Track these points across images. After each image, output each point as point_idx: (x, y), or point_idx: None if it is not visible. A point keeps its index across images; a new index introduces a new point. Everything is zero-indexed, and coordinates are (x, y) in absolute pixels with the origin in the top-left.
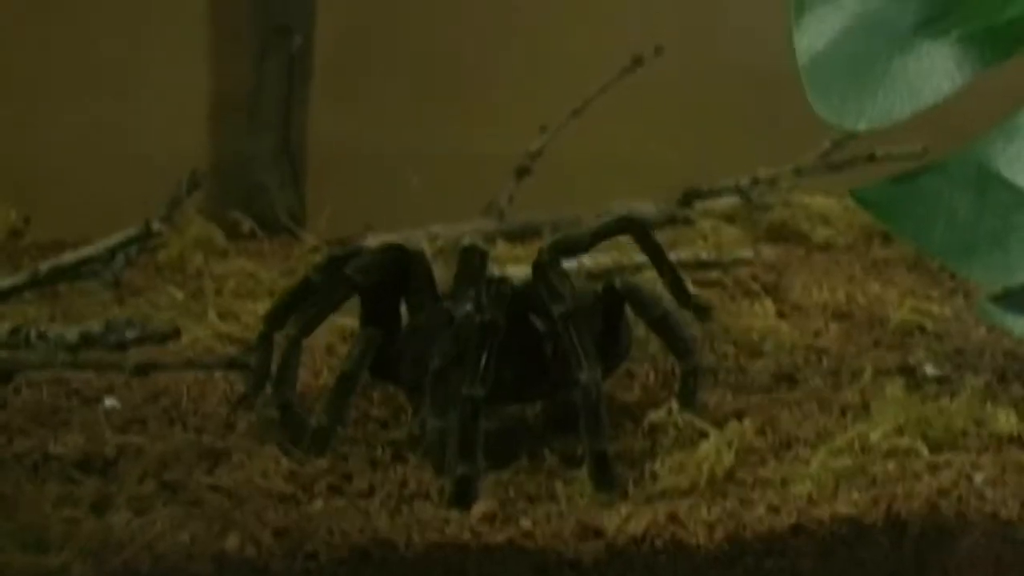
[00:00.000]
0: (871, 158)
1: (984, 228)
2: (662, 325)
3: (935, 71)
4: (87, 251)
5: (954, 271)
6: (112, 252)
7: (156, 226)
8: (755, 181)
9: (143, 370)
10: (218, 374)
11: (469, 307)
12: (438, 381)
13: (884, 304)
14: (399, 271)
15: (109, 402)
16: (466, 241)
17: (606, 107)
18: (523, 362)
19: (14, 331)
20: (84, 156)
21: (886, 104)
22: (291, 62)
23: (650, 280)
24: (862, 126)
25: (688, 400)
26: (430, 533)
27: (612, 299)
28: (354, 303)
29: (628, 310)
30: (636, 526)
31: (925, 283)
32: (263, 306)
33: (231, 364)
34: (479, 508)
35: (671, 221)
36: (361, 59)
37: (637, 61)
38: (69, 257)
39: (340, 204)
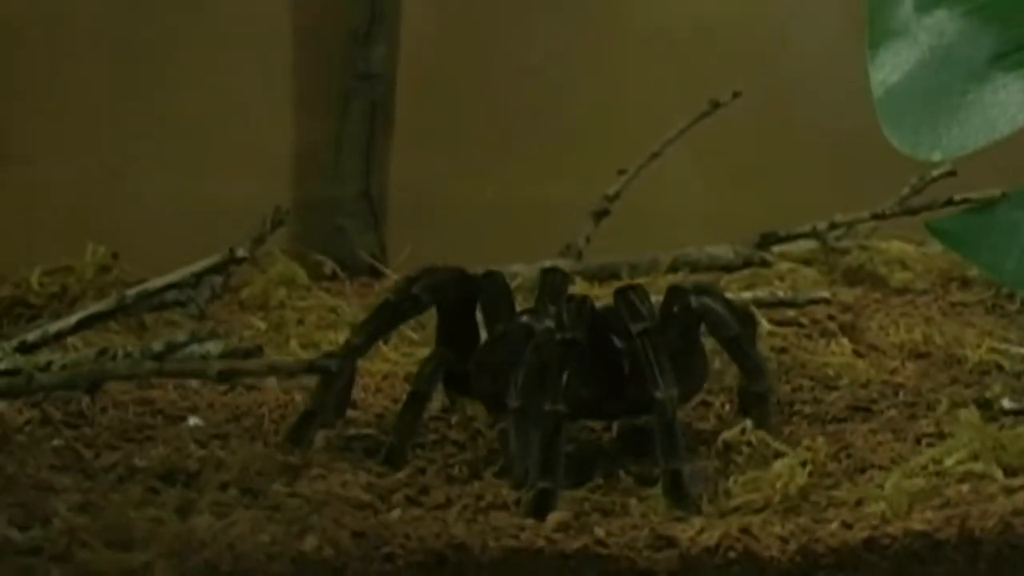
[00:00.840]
0: (949, 202)
1: None
2: (735, 345)
3: (1010, 103)
4: (172, 276)
5: None
6: (197, 278)
7: (240, 252)
8: (832, 225)
9: (227, 376)
10: (299, 397)
11: (549, 322)
12: (520, 396)
13: (962, 344)
14: (471, 290)
15: (193, 421)
16: (548, 264)
17: (683, 154)
18: (601, 381)
19: (101, 352)
20: (172, 203)
21: (961, 135)
22: (373, 108)
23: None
24: (937, 157)
25: (761, 422)
26: (505, 539)
27: (688, 319)
28: None
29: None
30: (709, 537)
31: (1003, 325)
32: (343, 337)
33: (311, 368)
34: (554, 517)
35: (748, 264)
36: (442, 106)
37: (715, 105)
38: (155, 283)
39: (419, 249)
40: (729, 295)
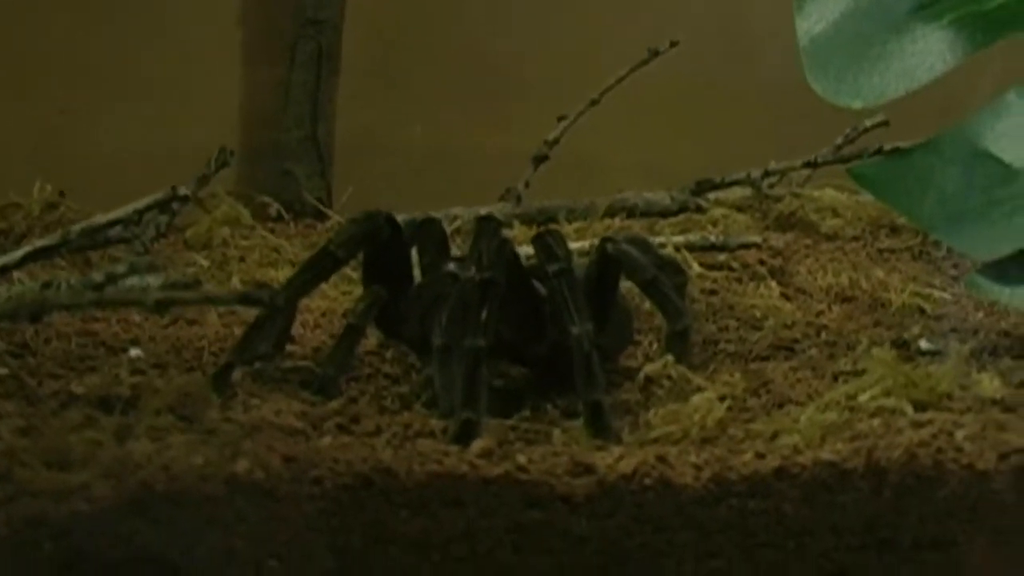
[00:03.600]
0: (879, 151)
1: (971, 202)
2: (653, 287)
3: (928, 53)
4: (117, 213)
5: (944, 242)
6: (140, 214)
7: (182, 190)
8: (767, 173)
9: (164, 305)
10: (238, 331)
11: (474, 269)
12: (443, 334)
13: (887, 288)
14: (400, 236)
15: (134, 352)
16: (483, 212)
17: (622, 104)
18: (522, 323)
19: (45, 284)
20: (123, 146)
21: (881, 83)
22: (320, 54)
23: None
24: (858, 104)
25: (681, 359)
26: (429, 464)
27: (606, 265)
28: None
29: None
30: (626, 465)
31: (929, 271)
32: (285, 274)
33: (245, 299)
34: (478, 444)
35: (683, 209)
36: (388, 53)
37: (654, 54)
38: (99, 219)
39: (363, 192)
40: (660, 242)
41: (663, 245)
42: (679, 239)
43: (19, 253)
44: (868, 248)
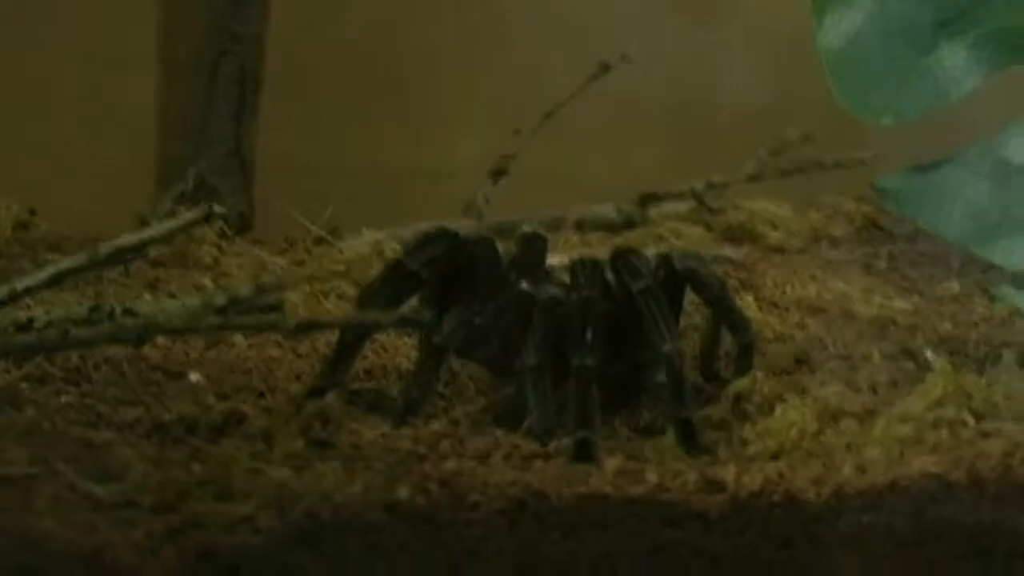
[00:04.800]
0: (820, 165)
1: (1004, 215)
2: (721, 303)
3: (956, 70)
4: (148, 233)
5: (978, 255)
6: (173, 234)
7: (218, 208)
8: (710, 186)
9: (304, 329)
10: (274, 352)
11: (553, 289)
12: (537, 355)
13: (849, 299)
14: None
15: (194, 376)
16: (526, 228)
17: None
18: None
19: (94, 309)
20: (38, 159)
21: (914, 100)
22: (243, 69)
23: None
24: (889, 121)
25: (747, 372)
26: (577, 486)
27: (674, 281)
28: None
29: None
30: (751, 481)
31: (880, 282)
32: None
33: (404, 322)
34: (611, 463)
35: (630, 222)
36: (311, 69)
37: (604, 68)
38: (130, 239)
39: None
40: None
41: None
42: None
43: (43, 274)
44: (817, 260)
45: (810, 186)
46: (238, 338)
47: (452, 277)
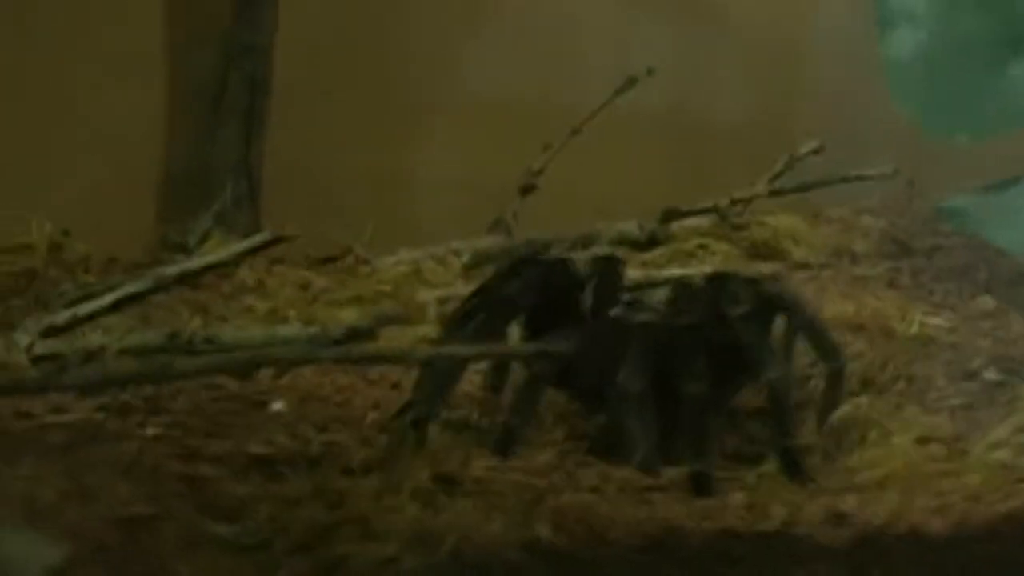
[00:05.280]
0: (844, 179)
1: None
2: (811, 328)
3: None
4: (216, 257)
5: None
6: (242, 256)
7: (289, 233)
8: (733, 202)
9: (431, 361)
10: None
11: (646, 315)
12: (639, 381)
13: (887, 317)
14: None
15: (276, 406)
16: (602, 252)
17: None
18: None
19: (172, 336)
20: (43, 170)
21: (986, 120)
22: (252, 80)
23: None
24: (963, 140)
25: (837, 399)
26: (709, 522)
27: (764, 305)
28: None
29: None
30: (874, 515)
31: (909, 299)
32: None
33: (543, 353)
34: (737, 498)
35: (653, 239)
36: (319, 81)
37: (631, 81)
38: (196, 263)
39: (294, 220)
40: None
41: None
42: (678, 271)
43: (109, 299)
44: (844, 276)
45: (811, 200)
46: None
47: (543, 303)
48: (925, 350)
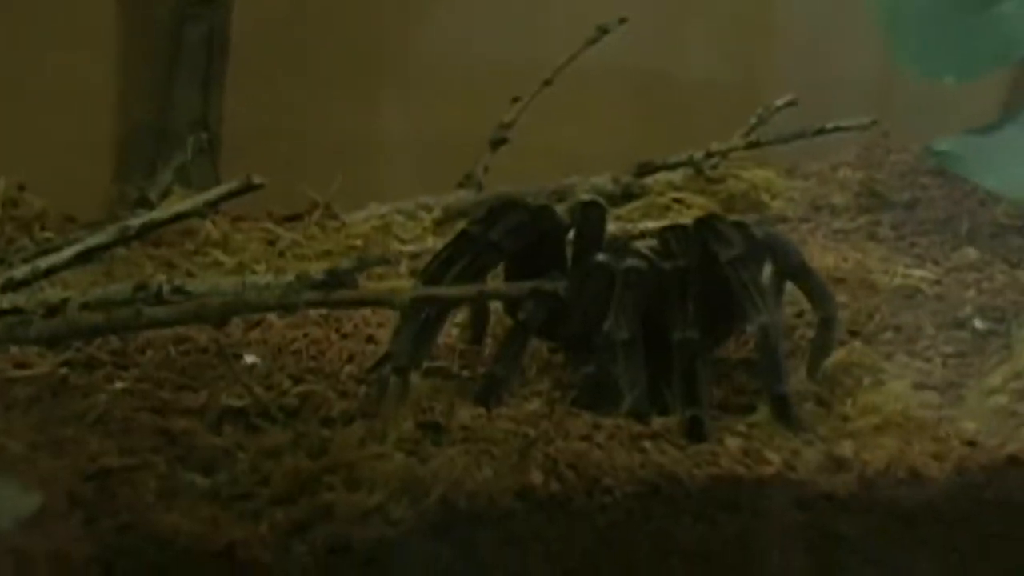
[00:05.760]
0: (821, 130)
1: None
2: (802, 273)
3: (1015, 30)
4: (184, 206)
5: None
6: (211, 206)
7: (256, 179)
8: (709, 154)
9: (421, 302)
10: (317, 332)
11: (633, 260)
12: (627, 328)
13: (869, 270)
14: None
15: (250, 358)
16: (586, 198)
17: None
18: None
19: (139, 288)
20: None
21: (973, 60)
22: (211, 34)
23: None
24: (949, 80)
25: (828, 346)
26: (706, 467)
27: (754, 250)
28: None
29: None
30: (873, 458)
31: (891, 252)
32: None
33: (535, 292)
34: (734, 443)
35: (629, 193)
36: (282, 36)
37: (602, 31)
38: (161, 213)
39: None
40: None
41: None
42: (652, 225)
43: (69, 252)
44: (823, 229)
45: (786, 155)
46: (273, 318)
47: (526, 249)
48: (910, 301)
